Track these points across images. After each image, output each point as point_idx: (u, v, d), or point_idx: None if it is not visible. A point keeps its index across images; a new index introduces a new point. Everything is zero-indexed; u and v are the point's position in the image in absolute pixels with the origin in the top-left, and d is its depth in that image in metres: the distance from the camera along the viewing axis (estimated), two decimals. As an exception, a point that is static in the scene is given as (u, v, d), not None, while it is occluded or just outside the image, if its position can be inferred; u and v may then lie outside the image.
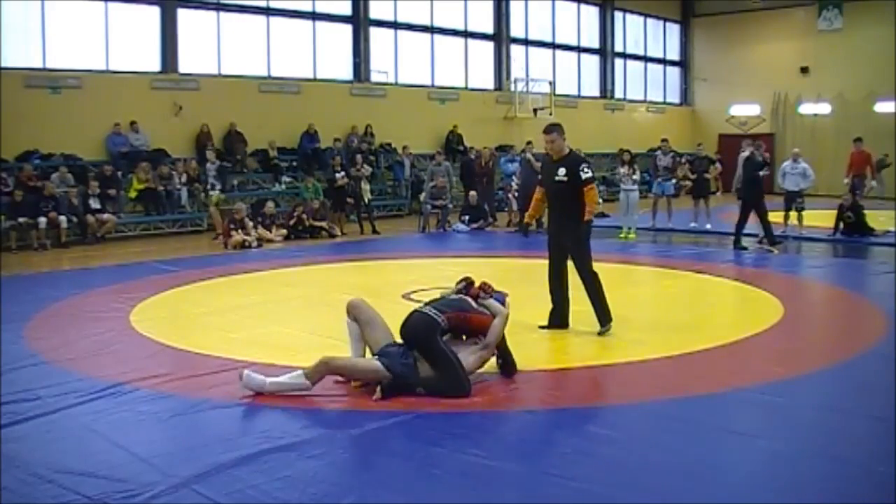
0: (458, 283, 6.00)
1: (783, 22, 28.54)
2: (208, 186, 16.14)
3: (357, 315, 5.68)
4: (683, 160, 18.06)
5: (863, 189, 16.28)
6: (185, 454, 4.42)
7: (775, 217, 14.48)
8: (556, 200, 7.32)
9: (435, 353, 5.38)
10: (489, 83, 24.60)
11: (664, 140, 17.33)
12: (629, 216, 15.32)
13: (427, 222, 17.01)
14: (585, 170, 7.11)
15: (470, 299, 5.80)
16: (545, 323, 7.30)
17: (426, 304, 5.74)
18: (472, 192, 17.32)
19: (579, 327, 7.31)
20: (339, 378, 5.59)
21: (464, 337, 5.75)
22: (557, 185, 7.17)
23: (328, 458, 4.34)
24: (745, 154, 13.93)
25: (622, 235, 15.12)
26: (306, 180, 17.14)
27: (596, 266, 7.18)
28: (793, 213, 15.03)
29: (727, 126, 29.82)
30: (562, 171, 7.10)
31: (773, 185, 17.45)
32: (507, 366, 5.82)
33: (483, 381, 5.68)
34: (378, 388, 5.29)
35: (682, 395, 5.39)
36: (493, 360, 5.83)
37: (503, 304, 5.93)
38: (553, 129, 7.30)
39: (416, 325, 5.50)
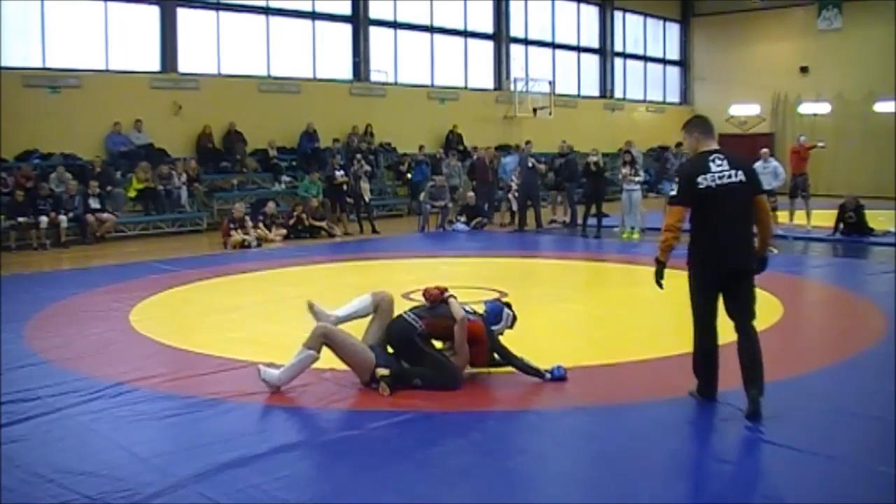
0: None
1: (783, 22, 28.53)
2: None
3: (331, 340, 5.52)
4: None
5: (807, 189, 16.39)
6: (185, 454, 4.42)
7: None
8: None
9: (420, 355, 5.56)
10: (489, 83, 24.60)
11: (679, 144, 17.40)
12: (632, 216, 15.30)
13: (427, 222, 17.01)
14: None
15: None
16: (695, 391, 5.32)
17: (408, 310, 5.86)
18: (470, 193, 17.32)
19: (579, 329, 7.30)
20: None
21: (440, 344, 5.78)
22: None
23: (328, 457, 4.34)
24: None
25: (625, 235, 15.13)
26: (311, 175, 17.05)
27: (597, 266, 6.52)
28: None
29: (727, 126, 29.75)
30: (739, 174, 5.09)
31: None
32: (530, 373, 5.74)
33: (480, 380, 5.69)
34: (383, 385, 5.36)
35: (682, 394, 5.38)
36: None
37: (500, 313, 5.91)
38: (685, 124, 5.43)
39: (395, 330, 5.69)
